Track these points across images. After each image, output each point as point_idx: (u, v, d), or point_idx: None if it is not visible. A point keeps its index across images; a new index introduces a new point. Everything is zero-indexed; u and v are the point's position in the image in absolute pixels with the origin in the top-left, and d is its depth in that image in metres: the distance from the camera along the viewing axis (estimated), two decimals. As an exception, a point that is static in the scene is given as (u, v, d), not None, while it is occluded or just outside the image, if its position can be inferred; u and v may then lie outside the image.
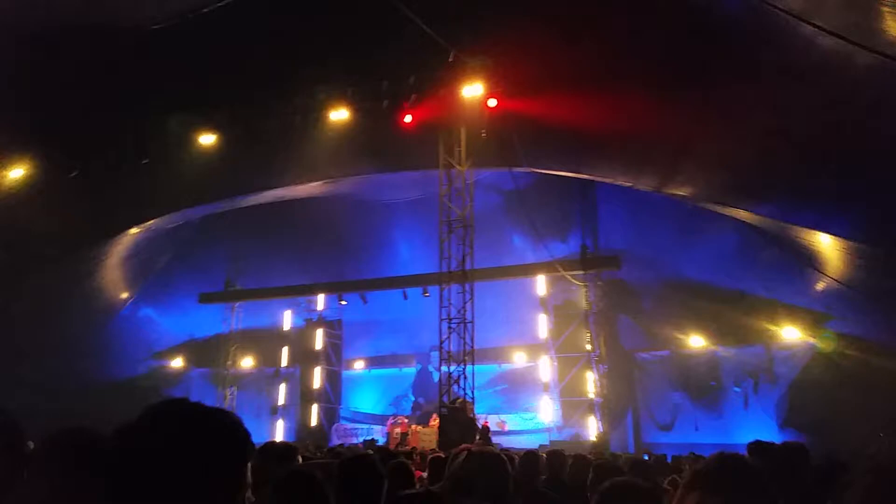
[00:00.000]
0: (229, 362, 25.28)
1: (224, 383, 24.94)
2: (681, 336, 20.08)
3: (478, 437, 14.26)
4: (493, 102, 13.91)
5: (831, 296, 15.70)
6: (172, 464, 1.28)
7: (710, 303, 18.18)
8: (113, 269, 20.96)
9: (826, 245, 13.62)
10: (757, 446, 4.04)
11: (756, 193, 13.24)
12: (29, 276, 17.19)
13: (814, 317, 16.81)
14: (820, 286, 15.92)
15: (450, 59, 13.48)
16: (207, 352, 25.03)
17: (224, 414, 1.42)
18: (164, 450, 1.29)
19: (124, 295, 22.32)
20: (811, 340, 17.21)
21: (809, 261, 15.06)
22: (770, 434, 16.23)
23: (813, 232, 13.29)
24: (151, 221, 19.21)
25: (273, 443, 4.17)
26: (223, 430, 1.38)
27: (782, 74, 10.38)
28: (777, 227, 14.36)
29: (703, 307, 18.44)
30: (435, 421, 18.25)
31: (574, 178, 16.87)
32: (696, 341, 19.94)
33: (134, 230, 19.30)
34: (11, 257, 16.34)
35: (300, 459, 4.18)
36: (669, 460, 11.09)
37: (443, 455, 4.17)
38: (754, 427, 17.56)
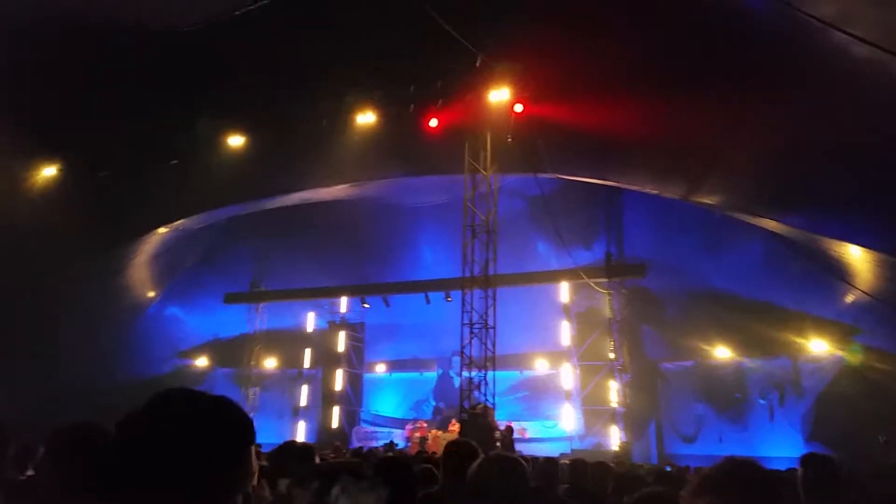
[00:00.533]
0: (253, 363, 25.49)
1: (247, 383, 25.15)
2: (706, 347, 19.82)
3: (498, 444, 14.21)
4: (519, 108, 13.91)
5: (860, 309, 15.43)
6: (172, 451, 1.27)
7: (737, 314, 17.92)
8: (140, 268, 21.29)
9: (856, 257, 13.39)
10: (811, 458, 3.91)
11: (785, 203, 13.05)
12: (59, 275, 17.51)
13: (842, 329, 16.52)
14: (849, 299, 15.66)
15: (477, 64, 13.52)
16: (232, 352, 25.27)
17: (225, 401, 1.40)
18: (162, 438, 1.28)
19: (151, 294, 22.65)
20: (839, 353, 16.90)
21: (838, 273, 14.82)
22: (795, 447, 15.96)
23: (842, 243, 13.08)
24: (179, 221, 19.49)
25: (292, 442, 4.21)
26: (224, 417, 1.37)
27: (814, 82, 10.26)
28: (806, 237, 14.15)
29: (729, 318, 18.18)
30: (454, 426, 18.23)
31: (600, 184, 16.78)
32: (722, 352, 19.67)
33: (162, 230, 19.59)
34: (41, 256, 16.66)
35: (317, 459, 4.19)
36: (692, 472, 10.95)
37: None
38: (780, 440, 17.29)
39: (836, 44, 9.31)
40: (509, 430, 15.57)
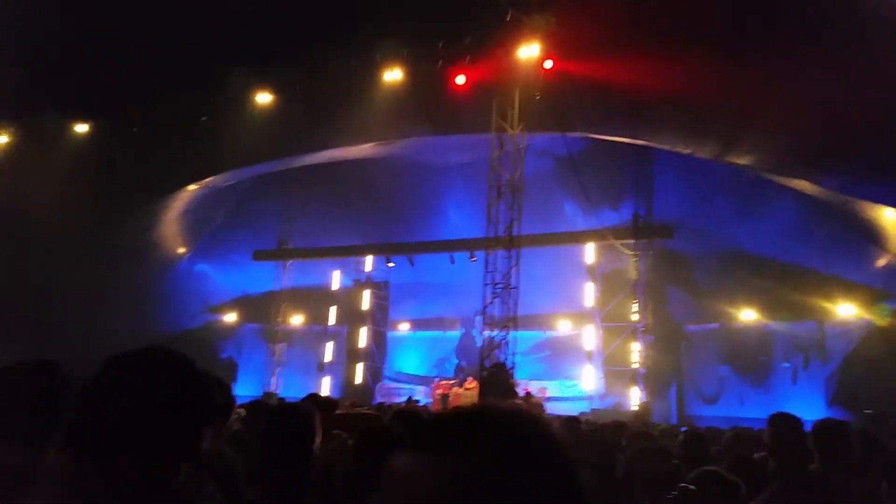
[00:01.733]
0: (280, 319, 25.90)
1: (274, 339, 25.61)
2: (731, 309, 19.75)
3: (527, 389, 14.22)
4: (549, 64, 13.73)
5: (890, 272, 15.26)
6: (121, 422, 1.27)
7: (764, 277, 17.79)
8: (171, 224, 21.61)
9: (889, 220, 13.20)
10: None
11: (820, 164, 12.85)
12: (94, 231, 17.85)
13: (871, 293, 16.36)
14: (880, 262, 15.48)
15: (507, 19, 13.32)
16: (260, 308, 25.67)
17: (193, 379, 1.37)
18: (114, 407, 1.28)
19: (182, 250, 23.02)
20: (866, 317, 16.77)
21: (870, 236, 14.63)
22: (817, 411, 15.98)
23: (877, 206, 12.89)
24: (209, 179, 19.69)
25: (316, 394, 4.35)
26: (182, 396, 1.34)
27: (855, 42, 10.01)
28: (840, 200, 13.95)
29: (757, 281, 18.06)
30: (472, 384, 18.48)
31: (630, 144, 16.59)
32: (748, 315, 19.58)
33: (192, 186, 19.82)
34: (72, 213, 16.97)
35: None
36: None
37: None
38: (802, 403, 17.29)
39: (880, 2, 9.06)
40: (528, 395, 15.70)
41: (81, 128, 17.39)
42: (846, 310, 17.24)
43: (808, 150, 12.63)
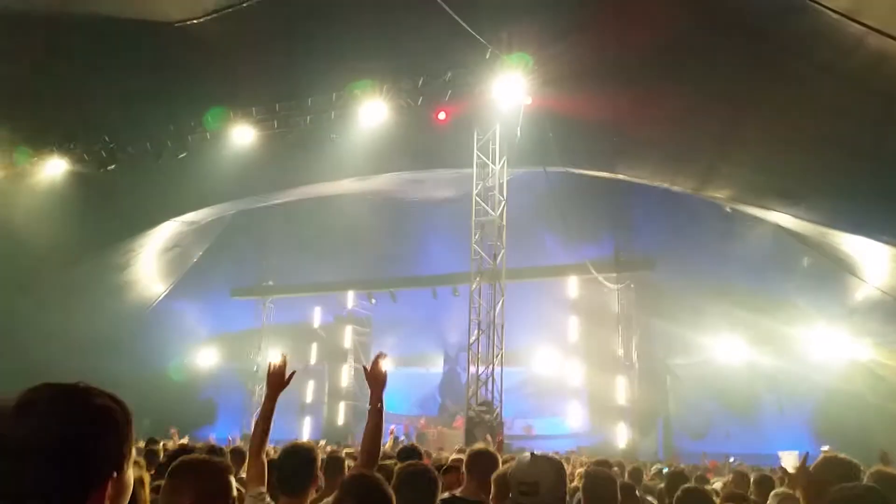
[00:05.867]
0: (260, 358, 25.50)
1: (253, 379, 25.17)
2: (715, 343, 19.73)
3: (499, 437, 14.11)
4: (528, 101, 13.81)
5: (871, 304, 15.32)
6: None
7: (747, 310, 17.84)
8: (149, 262, 21.31)
9: (867, 252, 13.30)
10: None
11: (796, 196, 12.95)
12: (66, 270, 17.54)
13: (852, 325, 16.42)
14: (859, 294, 15.56)
15: (486, 56, 13.42)
16: (239, 346, 25.30)
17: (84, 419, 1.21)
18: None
19: (160, 287, 22.67)
20: (849, 349, 16.79)
21: (849, 268, 14.72)
22: (804, 444, 15.87)
23: (854, 237, 12.98)
24: (186, 215, 19.49)
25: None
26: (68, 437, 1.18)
27: (828, 74, 10.15)
28: (817, 232, 14.05)
29: (739, 314, 18.10)
30: (459, 423, 18.18)
31: (609, 178, 16.69)
32: (732, 349, 19.57)
33: (169, 224, 19.60)
34: (48, 250, 16.68)
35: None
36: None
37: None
38: (789, 437, 17.19)
39: (851, 35, 9.21)
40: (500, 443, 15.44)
41: (57, 164, 17.17)
42: (828, 342, 17.27)
43: (783, 184, 12.76)
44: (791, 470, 3.11)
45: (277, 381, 3.67)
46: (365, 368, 3.75)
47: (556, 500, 2.82)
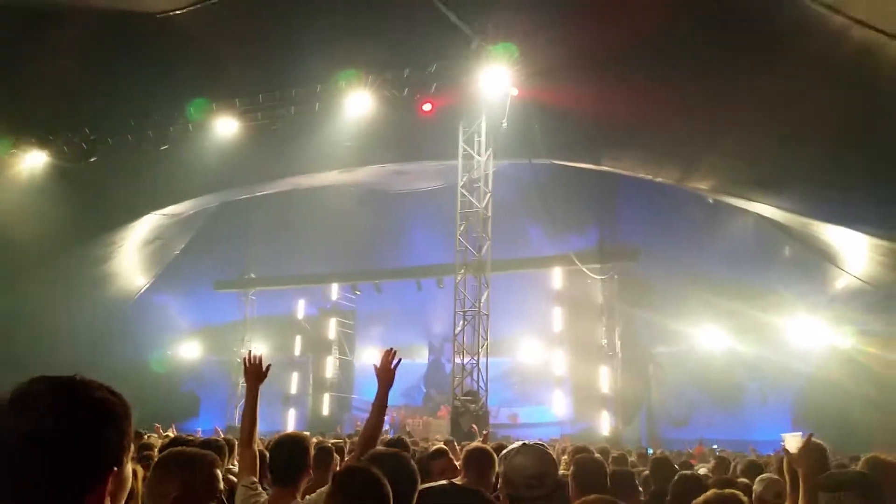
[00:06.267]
0: (243, 350, 25.35)
1: (238, 371, 25.03)
2: (698, 332, 19.94)
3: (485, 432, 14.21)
4: (514, 92, 13.80)
5: (851, 293, 15.56)
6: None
7: (728, 299, 18.04)
8: (131, 255, 21.07)
9: (847, 241, 13.49)
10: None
11: (778, 186, 13.10)
12: (47, 263, 17.29)
13: (833, 314, 16.66)
14: (839, 283, 15.79)
15: (472, 47, 13.37)
16: (222, 339, 25.12)
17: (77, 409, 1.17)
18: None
19: (142, 280, 22.43)
20: (829, 337, 17.06)
21: (830, 257, 14.93)
22: (786, 431, 16.10)
23: (834, 227, 13.16)
24: (168, 208, 19.27)
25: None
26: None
27: (812, 66, 10.25)
28: (798, 222, 14.23)
29: (722, 303, 18.30)
30: (443, 412, 18.24)
31: (594, 170, 16.76)
32: (714, 337, 19.80)
33: (151, 216, 19.37)
34: (29, 243, 16.43)
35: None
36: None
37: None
38: (770, 424, 17.44)
39: (834, 27, 9.31)
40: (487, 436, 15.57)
41: (37, 156, 16.88)
42: (809, 330, 17.52)
43: (765, 174, 12.89)
44: (793, 451, 3.18)
45: (256, 373, 3.70)
46: (375, 365, 3.76)
47: (559, 487, 2.81)
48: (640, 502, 4.81)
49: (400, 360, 3.80)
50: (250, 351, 3.93)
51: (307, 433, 4.75)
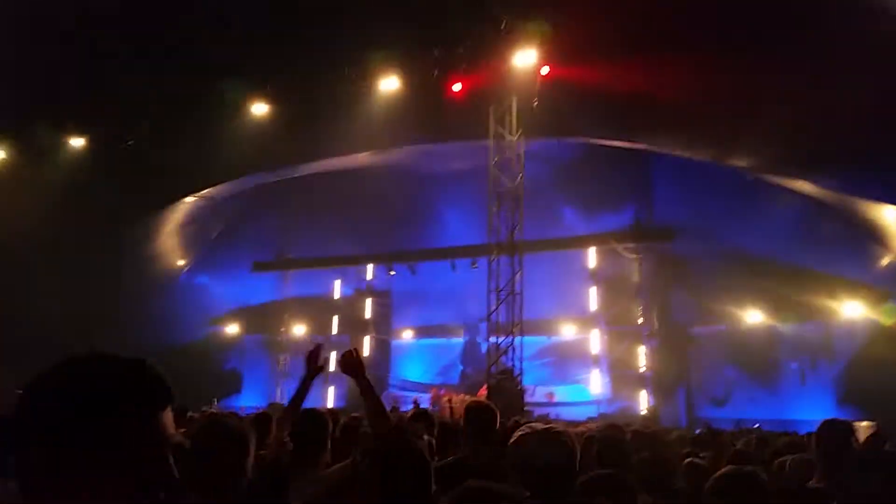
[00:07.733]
0: (283, 329, 25.82)
1: (277, 350, 25.53)
2: (737, 311, 19.60)
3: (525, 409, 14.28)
4: (545, 70, 13.64)
5: (894, 271, 15.13)
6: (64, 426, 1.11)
7: (768, 277, 17.65)
8: (170, 237, 21.57)
9: (891, 219, 13.08)
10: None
11: (819, 164, 12.75)
12: (90, 246, 17.79)
13: (876, 293, 16.23)
14: (883, 261, 15.36)
15: (502, 26, 13.23)
16: (261, 319, 25.60)
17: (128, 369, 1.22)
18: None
19: (181, 262, 22.96)
20: (872, 317, 16.63)
21: (873, 235, 14.51)
22: (827, 411, 15.82)
23: (878, 205, 12.78)
24: (207, 190, 19.63)
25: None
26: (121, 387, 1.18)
27: (851, 41, 9.90)
28: (840, 200, 13.85)
29: (761, 282, 17.92)
30: (483, 391, 18.31)
31: (628, 148, 16.51)
32: (753, 316, 19.44)
33: (190, 199, 19.77)
34: (71, 226, 16.90)
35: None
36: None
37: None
38: (811, 404, 17.14)
39: (874, 1, 8.96)
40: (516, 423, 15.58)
41: (77, 141, 17.33)
42: (851, 309, 17.10)
43: (805, 152, 12.53)
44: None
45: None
46: (338, 361, 3.63)
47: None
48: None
49: (319, 347, 3.84)
50: (320, 344, 3.96)
51: (329, 408, 4.86)
